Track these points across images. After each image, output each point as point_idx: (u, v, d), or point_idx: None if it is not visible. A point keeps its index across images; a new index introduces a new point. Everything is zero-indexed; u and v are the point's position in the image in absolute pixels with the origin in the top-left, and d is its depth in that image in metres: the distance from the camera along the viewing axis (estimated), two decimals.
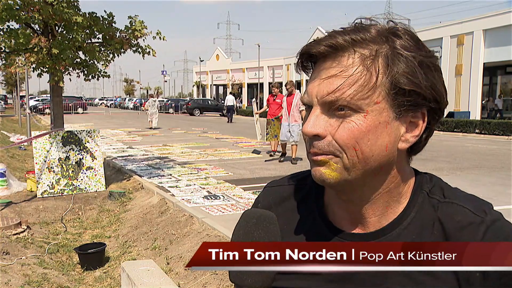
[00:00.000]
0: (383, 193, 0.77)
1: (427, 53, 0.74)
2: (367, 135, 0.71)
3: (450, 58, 25.00)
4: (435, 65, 0.74)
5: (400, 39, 0.72)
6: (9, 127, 22.25)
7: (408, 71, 0.70)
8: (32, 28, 7.66)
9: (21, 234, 5.37)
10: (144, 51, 8.21)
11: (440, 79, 0.74)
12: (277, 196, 0.91)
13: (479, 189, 6.75)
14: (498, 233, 0.72)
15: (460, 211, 0.75)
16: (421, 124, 0.74)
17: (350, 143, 0.71)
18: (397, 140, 0.74)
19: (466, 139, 17.09)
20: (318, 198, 0.86)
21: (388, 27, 0.74)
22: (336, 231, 0.81)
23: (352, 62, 0.71)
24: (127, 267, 3.63)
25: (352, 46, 0.71)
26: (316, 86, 0.73)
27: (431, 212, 0.77)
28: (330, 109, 0.72)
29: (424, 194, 0.79)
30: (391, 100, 0.71)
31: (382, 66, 0.71)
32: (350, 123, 0.71)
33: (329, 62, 0.72)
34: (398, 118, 0.72)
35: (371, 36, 0.72)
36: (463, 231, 0.73)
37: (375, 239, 0.78)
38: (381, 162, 0.73)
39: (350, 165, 0.72)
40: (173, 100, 47.78)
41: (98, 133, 7.76)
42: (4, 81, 48.22)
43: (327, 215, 0.84)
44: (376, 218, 0.78)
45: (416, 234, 0.76)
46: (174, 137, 17.06)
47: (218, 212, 5.86)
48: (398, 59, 0.71)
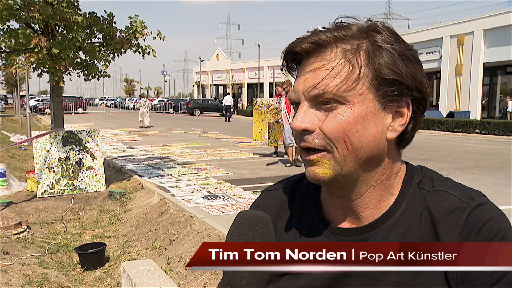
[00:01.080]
0: (376, 185, 0.79)
1: (407, 46, 0.76)
2: (355, 126, 0.73)
3: (450, 58, 24.99)
4: (415, 57, 0.77)
5: (380, 34, 0.75)
6: (9, 127, 22.25)
7: (389, 62, 0.73)
8: (32, 28, 7.66)
9: (21, 234, 5.37)
10: (144, 51, 8.21)
11: (420, 70, 0.77)
12: (276, 199, 0.92)
13: (479, 189, 6.68)
14: (480, 216, 0.73)
15: (447, 197, 0.76)
16: (407, 113, 0.76)
17: (339, 136, 0.73)
18: (384, 130, 0.75)
19: (466, 139, 17.09)
20: (314, 198, 0.88)
21: (368, 25, 0.77)
22: (331, 227, 0.83)
23: (334, 55, 0.74)
24: (127, 267, 3.63)
25: (334, 41, 0.74)
26: (302, 82, 0.75)
27: (421, 202, 0.78)
28: (317, 103, 0.74)
29: (415, 185, 0.80)
30: (375, 91, 0.73)
31: (364, 59, 0.73)
32: (337, 116, 0.73)
33: (313, 58, 0.75)
34: (383, 108, 0.75)
35: (352, 32, 0.75)
36: (449, 216, 0.74)
37: (368, 232, 0.79)
38: (371, 153, 0.75)
39: (342, 159, 0.74)
40: (173, 100, 47.80)
41: (98, 133, 7.76)
42: (4, 81, 48.16)
43: (323, 214, 0.85)
44: (370, 211, 0.80)
45: (408, 224, 0.77)
46: (174, 137, 17.05)
47: (218, 212, 5.86)
48: (379, 51, 0.74)
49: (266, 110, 10.68)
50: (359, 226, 0.80)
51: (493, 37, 23.04)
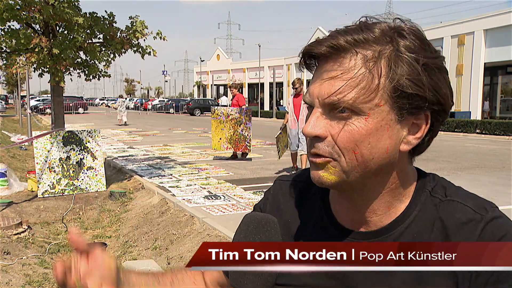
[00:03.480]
0: (384, 193, 0.77)
1: (433, 53, 0.72)
2: (367, 138, 0.70)
3: (451, 58, 24.96)
4: (440, 66, 0.72)
5: (405, 39, 0.71)
6: (10, 127, 22.25)
7: (411, 74, 0.69)
8: (33, 28, 7.67)
9: (22, 234, 5.37)
10: (145, 52, 8.21)
11: (445, 80, 0.73)
12: (287, 190, 0.92)
13: (479, 189, 6.75)
14: (496, 230, 0.71)
15: (461, 208, 0.75)
16: (424, 127, 0.73)
17: (349, 146, 0.70)
18: (398, 143, 0.73)
19: (467, 139, 17.08)
20: (324, 196, 0.86)
21: (393, 26, 0.72)
22: (341, 228, 0.82)
23: (354, 64, 0.69)
24: (128, 267, 3.63)
25: (354, 47, 0.70)
26: (318, 87, 0.72)
27: (433, 211, 0.76)
28: (331, 111, 0.71)
29: (427, 193, 0.78)
30: (393, 103, 0.70)
31: (384, 68, 0.69)
32: (350, 126, 0.70)
33: (331, 64, 0.71)
34: (400, 121, 0.71)
35: (374, 36, 0.70)
36: (463, 228, 0.73)
37: (377, 237, 0.78)
38: (381, 165, 0.73)
39: (349, 169, 0.72)
40: (173, 100, 47.83)
41: (98, 133, 7.77)
42: (5, 81, 48.21)
43: (332, 213, 0.84)
44: (378, 217, 0.78)
45: (417, 232, 0.76)
46: (175, 137, 17.06)
47: (219, 212, 5.86)
48: (401, 61, 0.69)
49: (225, 120, 10.35)
50: (367, 231, 0.79)
51: (494, 37, 23.01)
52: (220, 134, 10.37)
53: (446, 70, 0.74)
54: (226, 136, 10.11)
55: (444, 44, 25.26)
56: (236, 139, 10.08)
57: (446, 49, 25.22)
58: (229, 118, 10.22)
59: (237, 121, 10.08)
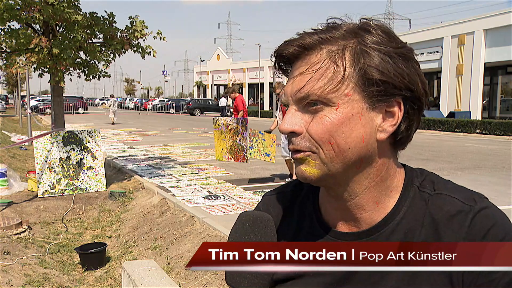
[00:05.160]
0: (370, 187, 0.77)
1: (398, 44, 0.74)
2: (340, 127, 0.72)
3: (451, 58, 24.98)
4: (407, 55, 0.74)
5: (370, 34, 0.73)
6: (10, 127, 22.25)
7: (376, 62, 0.71)
8: (33, 28, 7.67)
9: (22, 234, 5.37)
10: (145, 51, 8.21)
11: (414, 69, 0.74)
12: (276, 203, 0.92)
13: (479, 189, 6.70)
14: (485, 220, 0.72)
15: (449, 201, 0.75)
16: (398, 113, 0.74)
17: (325, 137, 0.72)
18: (374, 131, 0.74)
19: (467, 139, 17.08)
20: (314, 202, 0.87)
21: (359, 24, 0.75)
22: (331, 231, 0.82)
23: (319, 58, 0.73)
24: (128, 267, 3.63)
25: (319, 44, 0.73)
26: (290, 86, 0.75)
27: (422, 206, 0.77)
28: (304, 106, 0.74)
29: (415, 188, 0.79)
30: (361, 91, 0.72)
31: (349, 59, 0.72)
32: (323, 117, 0.72)
33: (300, 62, 0.75)
34: (372, 108, 0.73)
35: (339, 33, 0.73)
36: (452, 220, 0.73)
37: (369, 236, 0.78)
38: (360, 154, 0.74)
39: (328, 160, 0.73)
40: (173, 100, 47.85)
41: (98, 133, 7.77)
42: (5, 81, 48.22)
43: (322, 217, 0.84)
44: (367, 214, 0.78)
45: (408, 229, 0.76)
46: (175, 137, 17.06)
47: (219, 212, 5.86)
48: (366, 51, 0.72)
49: (225, 130, 10.38)
50: (359, 230, 0.79)
51: (494, 37, 23.01)
52: (221, 144, 10.40)
53: (415, 60, 0.75)
54: (226, 146, 10.16)
55: (444, 44, 25.26)
56: (235, 149, 10.11)
57: (446, 49, 25.23)
58: (228, 129, 10.25)
59: (235, 131, 10.12)
